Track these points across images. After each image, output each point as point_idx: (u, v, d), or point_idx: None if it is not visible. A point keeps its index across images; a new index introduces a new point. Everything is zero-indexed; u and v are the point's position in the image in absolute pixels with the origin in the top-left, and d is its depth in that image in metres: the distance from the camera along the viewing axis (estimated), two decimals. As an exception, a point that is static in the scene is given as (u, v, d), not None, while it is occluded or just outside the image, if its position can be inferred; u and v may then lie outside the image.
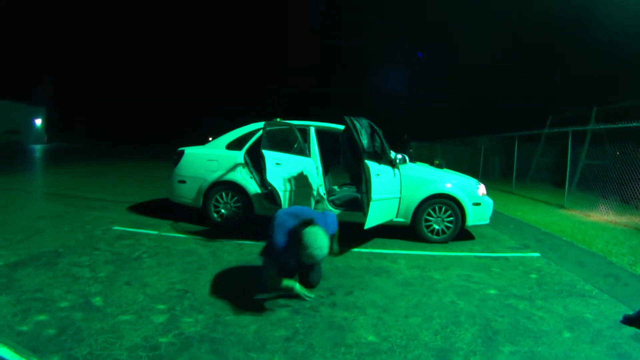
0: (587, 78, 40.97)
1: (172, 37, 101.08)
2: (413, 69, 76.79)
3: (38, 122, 59.52)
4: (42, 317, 4.40)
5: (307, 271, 5.46)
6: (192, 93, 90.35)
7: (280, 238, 4.77)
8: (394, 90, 72.92)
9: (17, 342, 3.81)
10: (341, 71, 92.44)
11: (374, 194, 7.00)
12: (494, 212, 8.80)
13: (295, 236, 4.63)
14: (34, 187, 14.88)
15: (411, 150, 18.64)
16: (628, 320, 4.90)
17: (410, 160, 8.58)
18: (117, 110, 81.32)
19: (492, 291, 5.79)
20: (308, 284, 5.46)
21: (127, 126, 78.40)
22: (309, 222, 4.67)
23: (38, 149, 44.06)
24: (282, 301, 5.11)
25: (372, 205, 7.05)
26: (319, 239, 4.51)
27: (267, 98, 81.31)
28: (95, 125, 73.46)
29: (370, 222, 7.18)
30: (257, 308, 4.89)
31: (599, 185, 14.18)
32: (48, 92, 64.95)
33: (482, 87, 61.53)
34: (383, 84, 77.56)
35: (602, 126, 14.63)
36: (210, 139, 9.83)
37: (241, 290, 5.34)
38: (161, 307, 4.77)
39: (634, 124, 11.78)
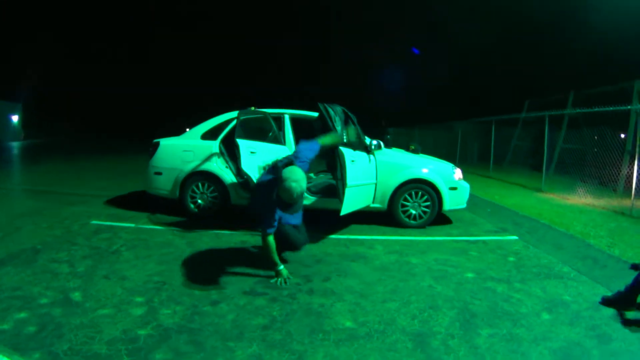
0: (565, 63, 41.22)
1: (150, 22, 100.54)
2: (392, 54, 76.92)
3: (14, 118, 58.85)
4: (22, 315, 4.38)
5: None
6: (169, 82, 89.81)
7: (263, 178, 5.14)
8: (371, 76, 72.99)
9: (-1, 341, 3.83)
10: (317, 56, 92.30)
11: (349, 180, 7.01)
12: (472, 196, 8.86)
13: (276, 171, 4.90)
14: (12, 184, 14.77)
15: (389, 136, 18.66)
16: (607, 302, 4.95)
17: (387, 146, 8.62)
18: (94, 102, 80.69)
19: (470, 275, 5.84)
20: (293, 245, 5.65)
21: (105, 119, 77.85)
22: (287, 163, 4.93)
23: (15, 146, 43.63)
24: (259, 289, 5.14)
25: (348, 192, 7.06)
26: (295, 172, 4.75)
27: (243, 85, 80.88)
28: (74, 120, 72.78)
29: (346, 208, 7.20)
30: (235, 297, 4.90)
31: (577, 168, 14.31)
32: (24, 87, 64.28)
33: (460, 72, 61.78)
34: (361, 69, 77.54)
35: (578, 110, 14.77)
36: (187, 129, 9.81)
37: (218, 280, 5.36)
38: (139, 299, 4.78)
39: (610, 108, 11.91)
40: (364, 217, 8.55)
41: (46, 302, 4.72)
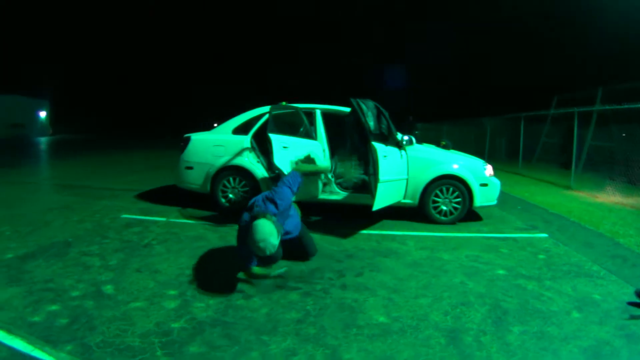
0: (593, 58, 40.73)
1: (178, 20, 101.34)
2: (419, 49, 76.71)
3: (42, 114, 59.51)
4: (54, 307, 4.42)
5: (302, 243, 5.70)
6: (197, 78, 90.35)
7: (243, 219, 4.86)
8: (400, 72, 72.67)
9: (30, 333, 3.89)
10: (345, 52, 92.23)
11: (382, 176, 7.00)
12: (501, 193, 8.79)
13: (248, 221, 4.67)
14: (41, 179, 14.91)
15: (417, 132, 18.50)
16: (635, 303, 4.90)
17: (417, 142, 8.57)
18: (122, 99, 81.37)
19: (501, 272, 5.79)
20: (305, 255, 5.75)
21: (133, 114, 78.44)
22: (255, 216, 4.60)
23: (43, 141, 44.03)
24: (292, 284, 5.15)
25: (380, 187, 7.04)
26: (260, 232, 4.41)
27: (270, 82, 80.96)
28: (102, 115, 73.43)
29: (378, 203, 7.18)
30: (268, 291, 4.91)
31: (606, 166, 14.13)
32: (51, 84, 65.01)
33: (487, 67, 61.46)
34: (389, 65, 77.27)
35: (607, 107, 14.54)
36: (215, 124, 9.81)
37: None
38: (172, 292, 4.80)
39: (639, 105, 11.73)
40: (395, 213, 8.53)
41: (78, 294, 4.76)
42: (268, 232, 4.42)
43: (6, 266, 5.59)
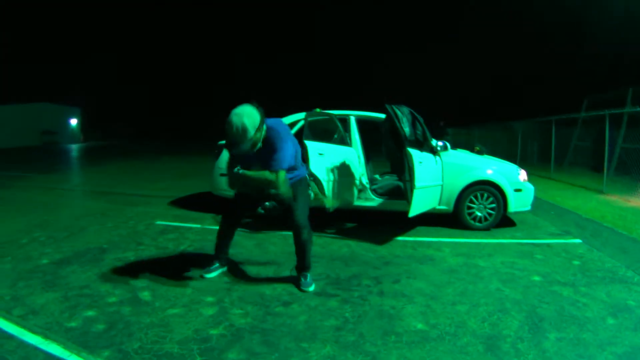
0: (621, 58, 40.14)
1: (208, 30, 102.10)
2: (446, 52, 76.58)
3: (74, 122, 60.36)
4: (90, 313, 4.45)
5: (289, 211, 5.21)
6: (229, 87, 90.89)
7: None
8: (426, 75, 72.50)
9: (67, 338, 3.92)
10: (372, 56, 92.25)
11: (418, 182, 7.01)
12: (534, 198, 8.72)
13: None
14: (74, 185, 15.10)
15: (448, 136, 18.32)
16: None
17: (451, 147, 8.54)
18: (151, 106, 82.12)
19: (537, 278, 5.75)
20: (293, 222, 5.19)
21: (161, 121, 79.07)
22: None
23: (75, 148, 44.63)
24: (330, 290, 5.14)
25: (416, 193, 7.05)
26: (238, 109, 4.38)
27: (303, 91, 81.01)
28: (131, 123, 74.19)
29: (414, 210, 7.18)
30: (306, 298, 4.91)
31: (638, 169, 13.93)
32: (82, 92, 65.95)
33: (515, 69, 61.15)
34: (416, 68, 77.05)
35: (639, 108, 14.35)
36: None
37: (289, 281, 5.35)
38: (210, 299, 4.81)
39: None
40: (429, 219, 8.49)
41: (114, 300, 4.79)
42: (247, 112, 4.39)
43: (42, 271, 5.66)
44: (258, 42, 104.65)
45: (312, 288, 5.13)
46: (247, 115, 4.35)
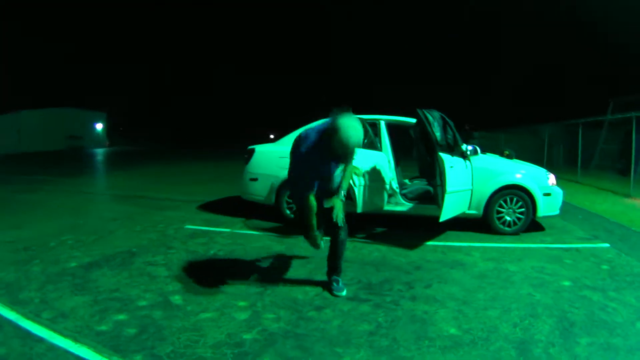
0: None
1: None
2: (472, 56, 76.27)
3: (99, 126, 60.87)
4: (121, 317, 4.47)
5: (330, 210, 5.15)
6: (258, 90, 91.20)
7: (309, 141, 4.77)
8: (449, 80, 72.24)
9: (97, 342, 3.94)
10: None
11: (449, 187, 7.01)
12: (562, 202, 8.67)
13: (329, 126, 4.56)
14: (100, 189, 15.25)
15: (475, 140, 18.13)
16: None
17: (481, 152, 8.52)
18: (177, 111, 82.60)
19: (566, 282, 5.73)
20: (330, 222, 5.15)
21: (188, 127, 79.43)
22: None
23: (100, 152, 44.97)
24: (362, 295, 5.14)
25: (447, 198, 7.04)
26: (353, 122, 4.44)
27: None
28: (160, 127, 74.68)
29: (445, 214, 7.18)
30: (338, 303, 4.91)
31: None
32: (109, 97, 66.65)
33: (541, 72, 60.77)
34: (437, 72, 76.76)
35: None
36: (271, 136, 9.87)
37: (320, 286, 5.36)
38: (242, 304, 4.81)
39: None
40: (458, 224, 8.47)
41: (145, 304, 4.81)
42: (360, 128, 4.53)
43: (71, 275, 5.70)
44: (286, 51, 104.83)
45: (344, 292, 5.12)
46: (362, 132, 4.55)
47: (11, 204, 11.45)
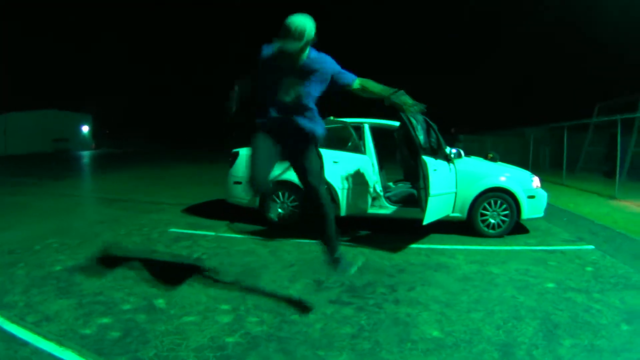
0: (629, 62, 39.90)
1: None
2: (455, 57, 76.44)
3: (85, 129, 60.75)
4: (105, 320, 4.46)
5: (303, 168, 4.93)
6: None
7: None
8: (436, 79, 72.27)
9: (82, 345, 3.93)
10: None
11: (432, 190, 7.01)
12: (547, 205, 8.71)
13: None
14: (87, 192, 15.23)
15: (460, 143, 18.12)
16: None
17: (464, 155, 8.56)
18: (165, 112, 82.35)
19: (550, 285, 5.75)
20: (308, 185, 4.94)
21: (176, 128, 79.22)
22: None
23: (86, 155, 44.86)
24: (345, 298, 5.14)
25: (431, 201, 7.05)
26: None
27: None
28: (144, 130, 74.45)
29: (429, 217, 7.19)
30: (321, 306, 4.91)
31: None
32: (94, 99, 66.39)
33: (528, 75, 61.05)
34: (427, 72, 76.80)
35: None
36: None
37: (304, 289, 5.36)
38: (225, 307, 4.81)
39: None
40: (443, 227, 8.49)
41: (129, 307, 4.80)
42: (309, 17, 4.28)
43: (55, 278, 5.67)
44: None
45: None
46: (310, 19, 4.23)
47: (-4, 206, 11.40)
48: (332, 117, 8.47)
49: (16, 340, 4.01)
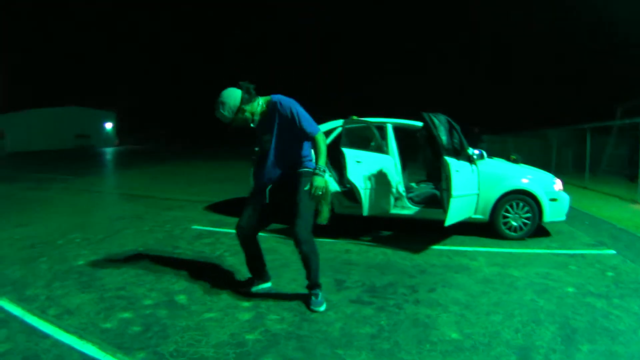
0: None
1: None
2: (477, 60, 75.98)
3: (109, 125, 61.18)
4: (126, 315, 4.52)
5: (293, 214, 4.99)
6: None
7: None
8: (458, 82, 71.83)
9: (102, 339, 3.98)
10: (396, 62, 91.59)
11: (455, 191, 6.98)
12: (569, 208, 8.64)
13: None
14: (109, 188, 15.32)
15: (484, 144, 17.88)
16: None
17: (487, 156, 8.51)
18: (187, 110, 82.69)
19: (570, 289, 5.71)
20: (293, 232, 4.92)
21: (199, 126, 79.50)
22: None
23: (109, 151, 45.15)
24: (366, 298, 5.15)
25: (453, 202, 7.02)
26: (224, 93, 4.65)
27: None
28: (168, 127, 74.75)
29: (451, 219, 7.15)
30: (342, 305, 4.93)
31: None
32: (119, 96, 66.87)
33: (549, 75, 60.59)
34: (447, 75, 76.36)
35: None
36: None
37: (325, 288, 5.29)
38: (246, 304, 4.84)
39: None
40: (464, 228, 8.46)
41: (150, 303, 4.85)
42: (227, 93, 4.71)
43: (77, 272, 5.77)
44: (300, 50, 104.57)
45: (323, 307, 4.89)
46: (227, 96, 4.64)
47: (19, 201, 11.57)
48: (355, 117, 8.45)
49: (37, 333, 4.09)
